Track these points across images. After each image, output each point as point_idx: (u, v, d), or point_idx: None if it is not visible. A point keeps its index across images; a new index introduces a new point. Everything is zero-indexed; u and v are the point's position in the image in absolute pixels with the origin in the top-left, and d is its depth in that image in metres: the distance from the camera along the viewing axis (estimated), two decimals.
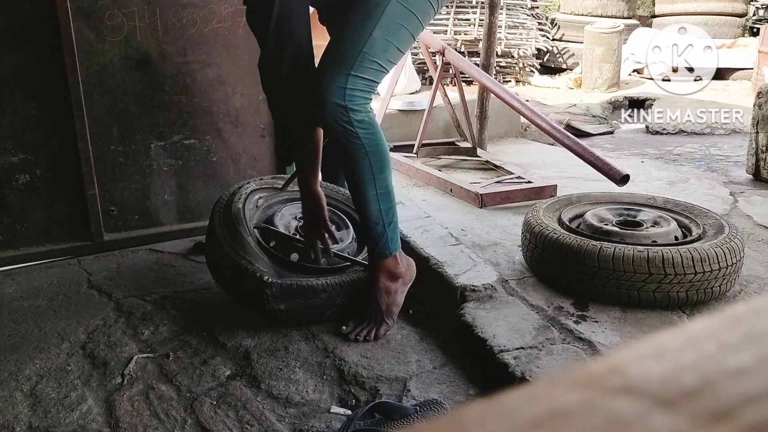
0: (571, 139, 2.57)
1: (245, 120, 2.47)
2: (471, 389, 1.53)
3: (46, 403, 1.49)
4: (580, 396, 0.20)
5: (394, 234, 1.76)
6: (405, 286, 1.80)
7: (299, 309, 1.72)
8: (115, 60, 2.23)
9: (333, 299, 1.76)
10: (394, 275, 1.77)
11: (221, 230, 1.79)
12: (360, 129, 1.62)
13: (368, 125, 1.64)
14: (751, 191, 2.86)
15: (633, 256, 1.68)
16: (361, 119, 1.62)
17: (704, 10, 7.74)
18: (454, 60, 3.32)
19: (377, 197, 1.70)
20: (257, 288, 1.69)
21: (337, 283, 1.76)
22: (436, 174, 2.92)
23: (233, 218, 1.80)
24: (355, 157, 1.65)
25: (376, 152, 1.66)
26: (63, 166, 2.23)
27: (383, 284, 1.76)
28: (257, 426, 1.40)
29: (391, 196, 1.74)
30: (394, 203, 1.75)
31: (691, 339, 0.22)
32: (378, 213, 1.71)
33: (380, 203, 1.70)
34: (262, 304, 1.70)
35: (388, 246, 1.75)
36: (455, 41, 6.00)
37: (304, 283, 1.72)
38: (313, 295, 1.73)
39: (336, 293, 1.76)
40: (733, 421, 0.18)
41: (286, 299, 1.71)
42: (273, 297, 1.69)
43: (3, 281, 2.13)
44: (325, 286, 1.74)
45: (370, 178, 1.67)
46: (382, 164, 1.68)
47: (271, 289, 1.68)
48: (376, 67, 1.63)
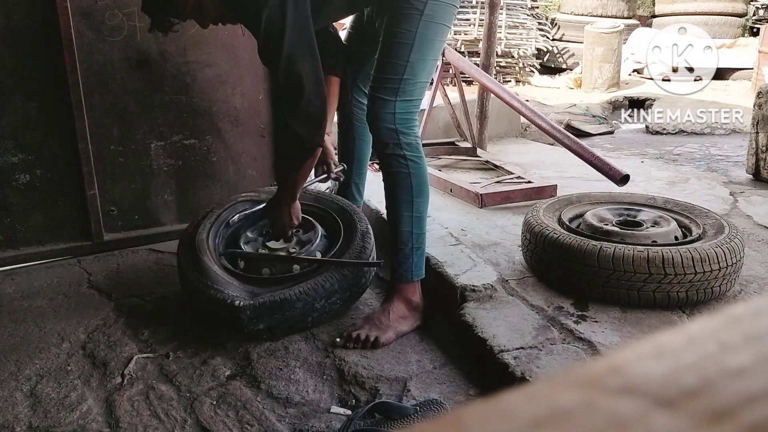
0: (571, 139, 2.57)
1: (245, 120, 2.47)
2: (471, 389, 1.53)
3: (46, 403, 1.49)
4: (580, 396, 0.20)
5: (420, 260, 1.79)
6: (414, 320, 1.78)
7: (279, 324, 1.70)
8: (115, 60, 2.23)
9: (311, 305, 1.72)
10: (410, 303, 1.78)
11: (187, 264, 1.82)
12: (408, 152, 1.73)
13: (415, 149, 1.74)
14: (751, 191, 2.86)
15: (633, 256, 1.68)
16: (410, 142, 1.73)
17: (704, 10, 7.74)
18: (454, 60, 3.32)
19: (411, 219, 1.75)
20: (231, 313, 1.68)
21: (311, 288, 1.73)
22: (436, 174, 2.92)
23: (197, 250, 1.82)
24: (399, 177, 1.75)
25: (418, 175, 1.75)
26: (63, 166, 2.23)
27: (396, 305, 1.76)
28: (257, 426, 1.40)
29: (423, 222, 1.78)
30: (425, 230, 1.79)
31: (691, 339, 0.22)
32: (408, 235, 1.76)
33: (413, 226, 1.76)
34: (241, 328, 1.68)
35: (411, 270, 1.78)
36: (455, 41, 6.00)
37: (278, 298, 1.69)
38: (289, 307, 1.70)
39: (312, 298, 1.72)
40: (733, 421, 0.18)
41: (263, 318, 1.68)
42: (249, 319, 1.67)
43: (3, 281, 2.13)
44: (299, 295, 1.70)
45: (408, 199, 1.75)
46: (421, 188, 1.76)
47: (245, 312, 1.67)
48: (420, 86, 1.75)
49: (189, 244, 1.86)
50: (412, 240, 1.76)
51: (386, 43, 1.72)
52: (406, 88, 1.71)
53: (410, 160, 1.73)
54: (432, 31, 1.70)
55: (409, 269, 1.77)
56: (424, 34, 1.69)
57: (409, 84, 1.71)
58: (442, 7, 1.70)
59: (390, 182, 1.78)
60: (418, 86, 1.73)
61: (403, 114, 1.72)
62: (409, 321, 1.77)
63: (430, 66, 1.76)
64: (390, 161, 1.74)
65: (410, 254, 1.77)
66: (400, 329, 1.74)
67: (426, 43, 1.70)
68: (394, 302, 1.77)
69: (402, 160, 1.73)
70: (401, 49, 1.69)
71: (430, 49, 1.73)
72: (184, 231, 1.95)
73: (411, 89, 1.72)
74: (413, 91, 1.73)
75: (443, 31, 1.75)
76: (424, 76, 1.75)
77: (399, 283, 1.78)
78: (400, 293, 1.78)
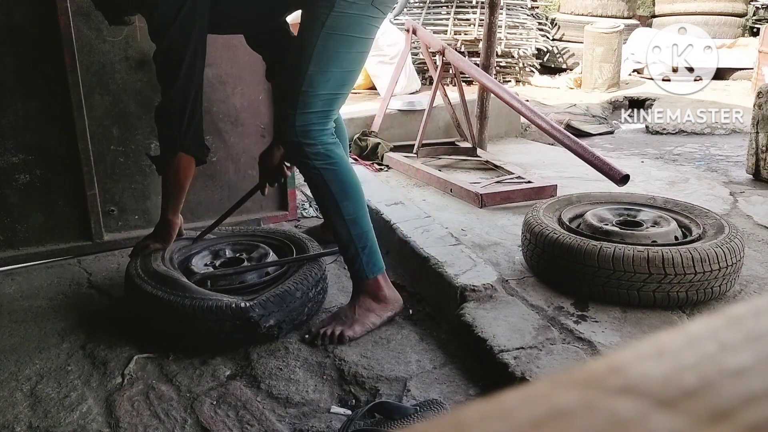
0: (571, 139, 2.57)
1: (245, 120, 2.47)
2: (471, 389, 1.53)
3: (46, 403, 1.49)
4: (580, 396, 0.20)
5: (371, 257, 1.77)
6: (384, 312, 1.78)
7: (284, 318, 1.71)
8: (115, 60, 2.23)
9: (306, 294, 1.77)
10: (376, 297, 1.78)
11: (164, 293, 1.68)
12: (317, 161, 1.69)
13: (324, 156, 1.70)
14: (751, 191, 2.86)
15: (633, 256, 1.68)
16: (317, 152, 1.69)
17: (704, 10, 7.74)
18: (454, 60, 3.32)
19: (344, 222, 1.73)
20: (240, 316, 1.62)
21: (303, 278, 1.79)
22: (436, 174, 2.92)
23: (166, 276, 1.73)
24: (316, 186, 1.74)
25: (335, 180, 1.71)
26: (63, 166, 2.23)
27: (361, 300, 1.77)
28: (257, 426, 1.40)
29: (361, 222, 1.74)
30: (366, 228, 1.76)
31: (691, 339, 0.22)
32: (348, 237, 1.74)
33: (349, 228, 1.74)
34: (254, 329, 1.64)
35: (363, 269, 1.76)
36: (455, 41, 6.00)
37: (278, 291, 1.72)
38: (291, 299, 1.72)
39: (306, 287, 1.78)
40: (733, 421, 0.18)
41: (272, 313, 1.67)
42: (260, 316, 1.64)
43: (3, 281, 2.13)
44: (297, 285, 1.75)
45: (334, 205, 1.73)
46: (345, 192, 1.72)
47: (254, 310, 1.64)
48: (324, 98, 1.67)
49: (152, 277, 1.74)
50: (354, 241, 1.74)
51: (292, 53, 1.70)
52: (306, 100, 1.65)
53: (322, 169, 1.70)
54: (334, 43, 1.63)
55: (361, 269, 1.76)
56: (325, 47, 1.63)
57: (308, 96, 1.65)
58: (349, 18, 1.63)
59: (312, 191, 1.79)
60: (319, 98, 1.66)
61: (303, 127, 1.67)
62: (379, 313, 1.77)
63: (336, 78, 1.67)
64: (303, 171, 1.75)
65: (357, 254, 1.75)
66: (367, 322, 1.74)
67: (326, 55, 1.63)
68: (359, 298, 1.78)
69: (314, 170, 1.71)
70: (300, 60, 1.65)
71: (334, 61, 1.65)
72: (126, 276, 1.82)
73: (311, 101, 1.65)
74: (314, 103, 1.66)
75: (352, 43, 1.67)
76: (328, 88, 1.67)
77: (358, 282, 1.79)
78: (364, 290, 1.78)
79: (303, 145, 1.68)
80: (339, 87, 1.70)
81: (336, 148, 1.73)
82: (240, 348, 1.69)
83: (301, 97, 1.65)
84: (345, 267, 2.12)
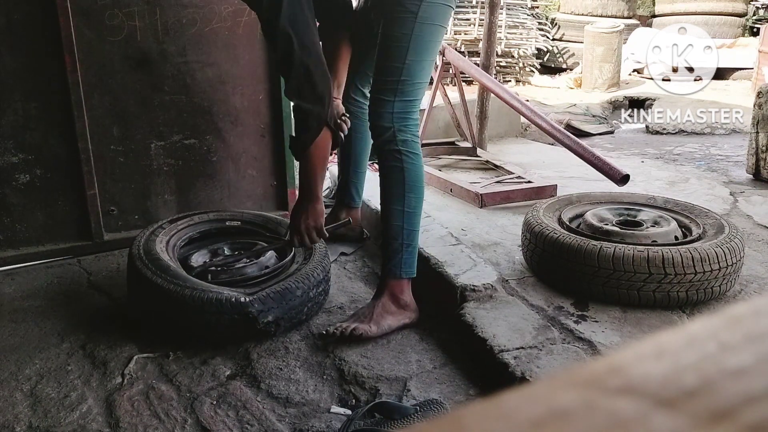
0: (571, 139, 2.57)
1: (245, 120, 2.47)
2: (471, 389, 1.53)
3: (46, 403, 1.49)
4: (580, 396, 0.20)
5: (410, 258, 1.78)
6: (401, 317, 1.77)
7: (283, 315, 1.70)
8: (115, 60, 2.23)
9: (307, 294, 1.76)
10: (397, 300, 1.77)
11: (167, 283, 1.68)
12: (403, 147, 1.76)
13: (411, 145, 1.78)
14: (751, 191, 2.86)
15: (633, 256, 1.68)
16: (405, 139, 1.76)
17: (704, 9, 7.75)
18: (454, 60, 3.32)
19: (402, 214, 1.76)
20: (239, 310, 1.63)
21: (305, 277, 1.77)
22: (436, 174, 2.92)
23: (165, 266, 1.74)
24: (392, 170, 1.78)
25: (411, 170, 1.77)
26: (63, 166, 2.23)
27: (383, 300, 1.76)
28: (257, 426, 1.40)
29: (415, 219, 1.79)
30: (417, 227, 1.80)
31: (691, 339, 0.22)
32: (399, 229, 1.76)
33: (404, 221, 1.77)
34: (252, 323, 1.64)
35: (400, 266, 1.77)
36: (455, 41, 6.00)
37: (279, 288, 1.71)
38: (291, 296, 1.71)
39: (307, 286, 1.76)
40: (733, 421, 0.18)
41: (271, 309, 1.67)
42: (259, 312, 1.65)
43: (3, 281, 2.13)
44: (298, 283, 1.74)
45: (399, 193, 1.77)
46: (414, 184, 1.78)
47: (253, 305, 1.64)
48: (418, 86, 1.78)
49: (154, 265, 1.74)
50: (402, 235, 1.76)
51: (383, 47, 1.76)
52: (405, 88, 1.74)
53: (404, 155, 1.76)
54: (427, 33, 1.73)
55: (398, 265, 1.77)
56: (420, 36, 1.72)
57: (407, 85, 1.74)
58: (436, 8, 1.72)
59: (384, 176, 1.81)
60: (416, 86, 1.77)
61: (401, 113, 1.75)
62: (396, 317, 1.76)
63: (427, 66, 1.79)
64: (386, 156, 1.78)
65: (400, 249, 1.76)
66: (384, 324, 1.73)
67: (422, 45, 1.73)
68: (381, 298, 1.77)
69: (396, 155, 1.76)
70: (398, 51, 1.73)
71: (427, 50, 1.76)
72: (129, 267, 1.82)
73: (409, 89, 1.75)
74: (411, 92, 1.76)
75: (439, 32, 1.78)
76: (422, 77, 1.78)
77: (387, 278, 1.78)
78: (389, 289, 1.78)
79: (397, 131, 1.75)
80: (427, 75, 1.81)
81: (419, 142, 1.81)
82: (237, 342, 1.69)
83: (401, 86, 1.74)
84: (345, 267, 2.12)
